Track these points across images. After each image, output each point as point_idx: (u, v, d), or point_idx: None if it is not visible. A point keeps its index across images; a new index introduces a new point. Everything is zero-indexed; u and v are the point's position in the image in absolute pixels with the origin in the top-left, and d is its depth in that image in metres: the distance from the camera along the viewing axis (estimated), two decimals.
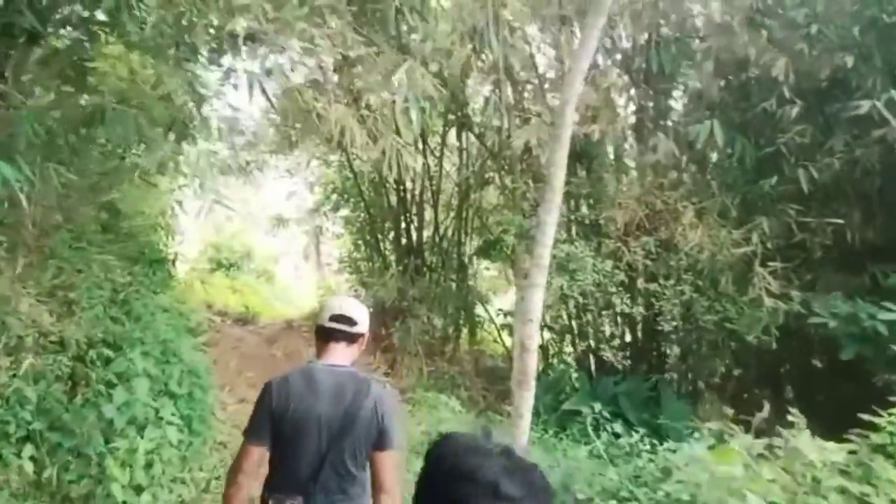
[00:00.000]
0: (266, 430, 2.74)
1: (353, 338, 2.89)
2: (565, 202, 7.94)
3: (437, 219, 12.19)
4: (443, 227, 12.33)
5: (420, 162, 6.82)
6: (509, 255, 10.93)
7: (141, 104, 4.10)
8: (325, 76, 5.75)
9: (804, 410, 5.98)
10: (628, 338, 10.09)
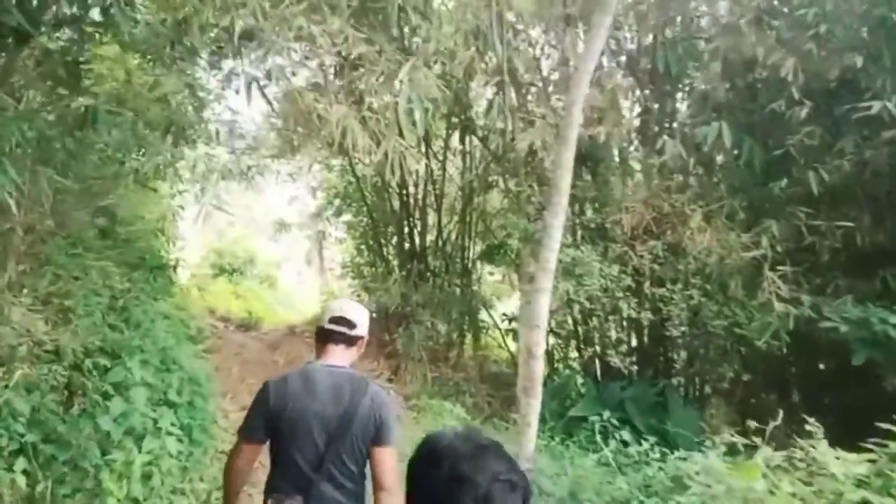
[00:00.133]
0: (260, 428, 2.76)
1: (352, 340, 2.90)
2: (570, 206, 7.83)
3: (440, 223, 12.12)
4: (446, 232, 12.26)
5: (423, 164, 6.71)
6: (513, 259, 10.84)
7: (136, 106, 4.00)
8: (326, 78, 5.64)
9: (814, 416, 5.88)
10: (634, 343, 9.98)
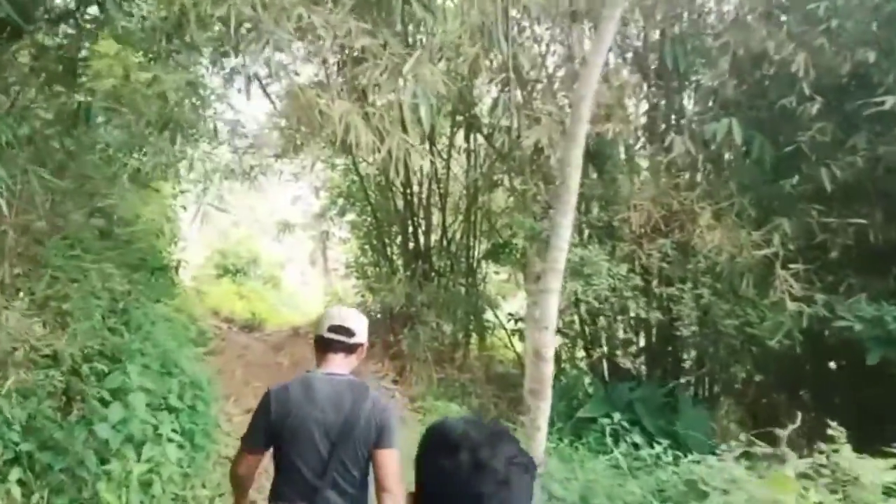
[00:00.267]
0: (262, 437, 2.80)
1: (351, 348, 2.92)
2: (577, 204, 7.71)
3: (444, 222, 12.00)
4: (451, 231, 12.14)
5: (428, 162, 6.60)
6: (519, 258, 10.71)
7: (133, 103, 3.88)
8: (328, 73, 5.51)
9: (826, 417, 5.76)
10: (643, 343, 9.85)
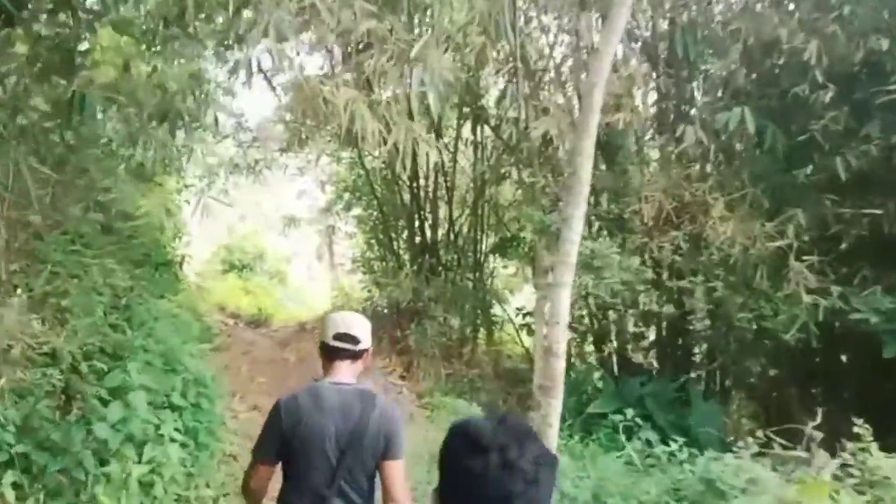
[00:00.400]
0: (273, 449, 2.81)
1: (357, 355, 2.95)
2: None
3: (451, 216, 11.89)
4: (458, 225, 12.03)
5: (435, 154, 6.46)
6: (527, 252, 10.58)
7: (132, 94, 3.76)
8: (333, 62, 5.36)
9: (839, 411, 5.65)
10: (653, 337, 9.71)
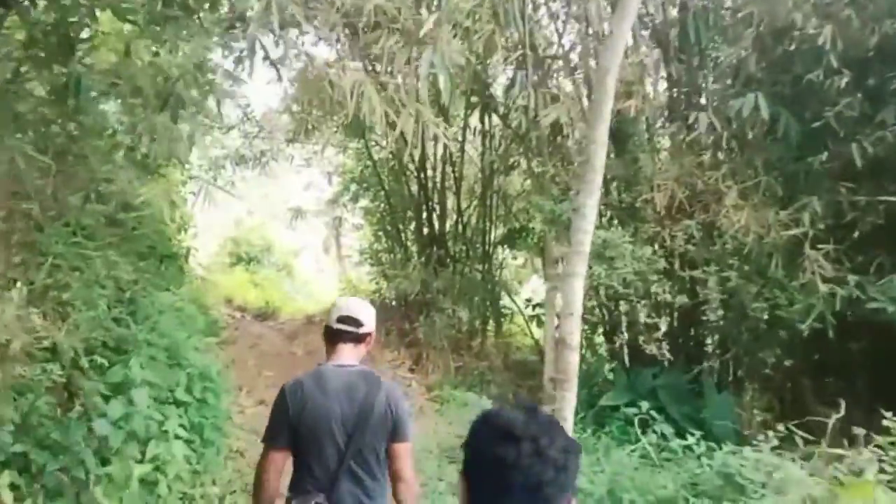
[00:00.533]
0: (284, 433, 2.82)
1: (360, 338, 2.97)
2: None
3: (459, 207, 11.77)
4: (466, 216, 11.90)
5: (444, 133, 6.31)
6: (537, 242, 10.44)
7: (131, 78, 3.64)
8: (340, 43, 5.21)
9: (854, 402, 5.52)
10: (664, 328, 9.56)
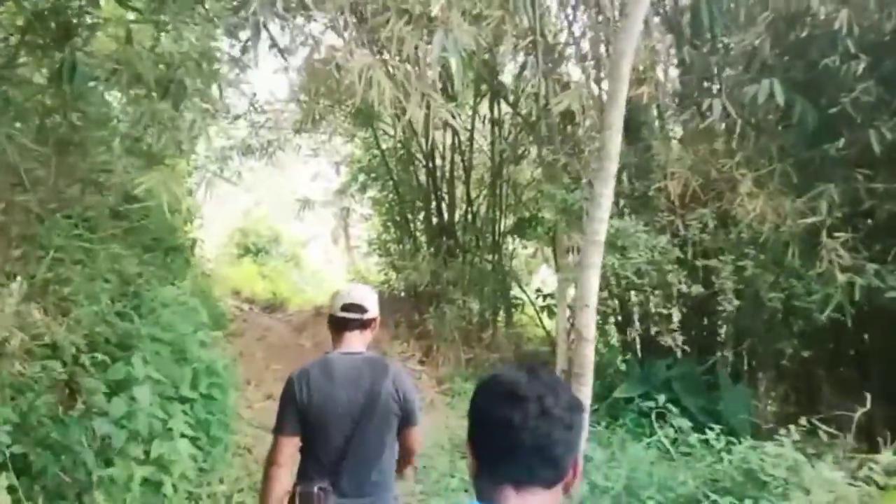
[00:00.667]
0: (294, 421, 2.83)
1: (365, 324, 2.98)
2: None
3: (469, 196, 11.61)
4: (475, 205, 11.75)
5: (454, 120, 6.17)
6: (547, 232, 10.29)
7: (128, 63, 3.52)
8: (346, 23, 5.05)
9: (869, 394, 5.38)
10: (677, 318, 9.41)
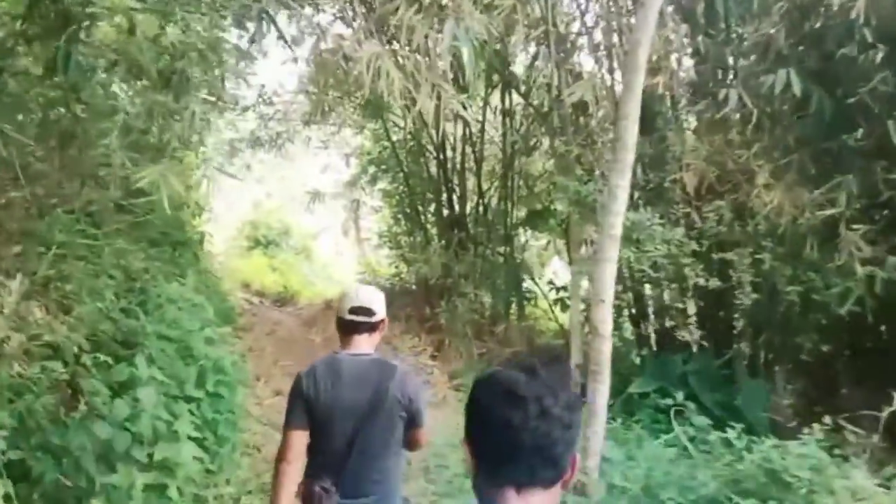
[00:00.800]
0: (303, 416, 2.86)
1: (374, 327, 3.00)
2: None
3: (480, 188, 11.47)
4: (487, 197, 11.62)
5: (465, 110, 6.06)
6: (559, 225, 10.15)
7: (126, 52, 3.41)
8: (356, 19, 4.93)
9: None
10: (692, 311, 9.26)
